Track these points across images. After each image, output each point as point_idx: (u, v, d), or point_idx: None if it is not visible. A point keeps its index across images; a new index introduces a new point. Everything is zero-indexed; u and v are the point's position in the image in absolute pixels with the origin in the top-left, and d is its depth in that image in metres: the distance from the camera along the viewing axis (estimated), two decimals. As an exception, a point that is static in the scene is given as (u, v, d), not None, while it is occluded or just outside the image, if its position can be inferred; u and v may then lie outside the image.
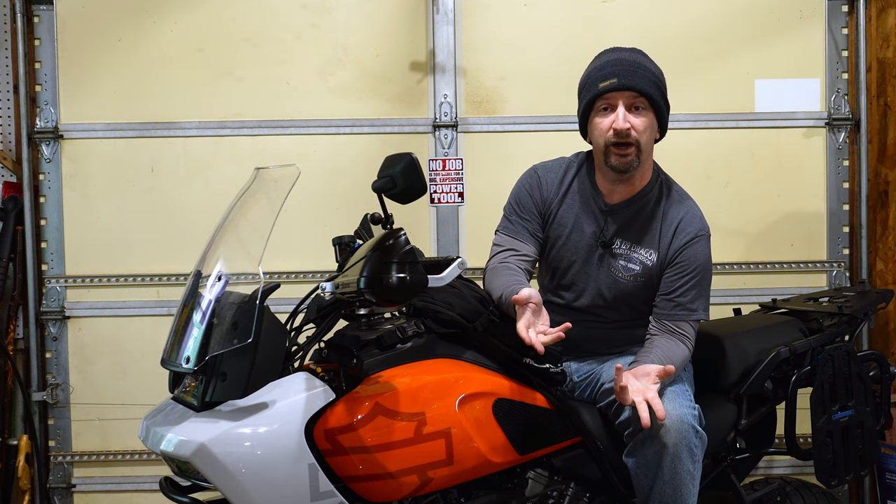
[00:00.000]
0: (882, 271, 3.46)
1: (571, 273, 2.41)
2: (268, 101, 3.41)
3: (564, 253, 2.41)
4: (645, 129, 2.28)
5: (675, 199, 2.40)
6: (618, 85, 2.26)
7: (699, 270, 2.33)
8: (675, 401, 2.16)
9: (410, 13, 3.42)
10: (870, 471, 2.89)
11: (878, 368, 2.67)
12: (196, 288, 2.03)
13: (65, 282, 3.41)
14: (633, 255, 2.36)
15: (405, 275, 1.85)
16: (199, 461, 1.85)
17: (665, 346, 2.30)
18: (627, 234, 2.37)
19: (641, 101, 2.28)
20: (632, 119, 2.27)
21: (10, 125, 3.44)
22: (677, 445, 2.11)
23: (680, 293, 2.33)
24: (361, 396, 2.00)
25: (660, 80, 2.34)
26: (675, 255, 2.33)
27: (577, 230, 2.39)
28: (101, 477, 3.45)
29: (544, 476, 2.26)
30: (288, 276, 3.37)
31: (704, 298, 2.37)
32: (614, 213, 2.38)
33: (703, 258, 2.35)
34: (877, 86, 3.45)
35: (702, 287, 2.35)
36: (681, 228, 2.34)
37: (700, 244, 2.34)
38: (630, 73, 2.27)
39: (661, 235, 2.36)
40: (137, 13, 3.39)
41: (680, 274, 2.33)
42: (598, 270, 2.38)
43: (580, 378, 2.40)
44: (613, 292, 2.38)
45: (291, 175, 2.00)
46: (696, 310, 2.34)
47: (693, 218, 2.37)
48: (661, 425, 2.11)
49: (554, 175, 2.44)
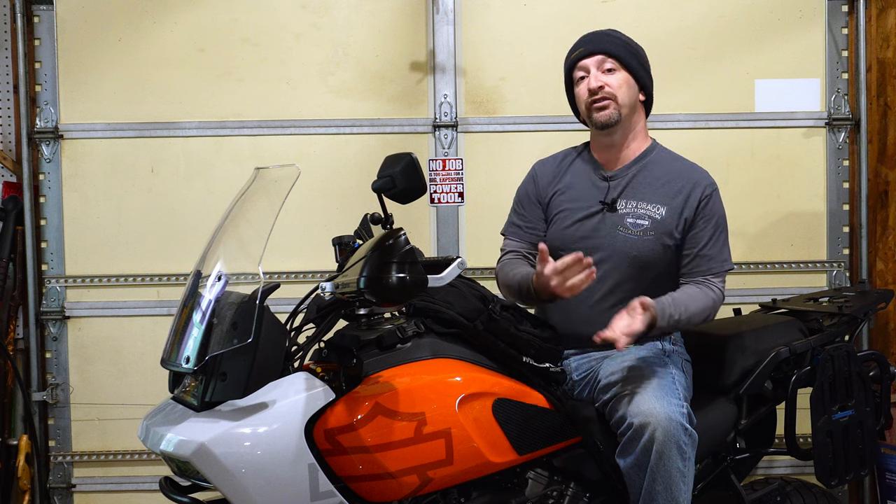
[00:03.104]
0: (882, 271, 3.46)
1: (581, 241, 2.43)
2: (268, 101, 3.41)
3: (571, 223, 2.45)
4: (620, 86, 2.42)
5: (677, 158, 2.52)
6: (585, 52, 2.46)
7: (720, 221, 2.45)
8: (663, 398, 2.16)
9: (410, 13, 3.42)
10: (870, 471, 2.89)
11: (878, 368, 2.66)
12: (196, 288, 2.03)
13: (65, 282, 3.41)
14: (639, 210, 2.42)
15: (405, 275, 1.85)
16: (199, 461, 1.85)
17: (685, 290, 2.39)
18: (631, 194, 2.44)
19: (611, 62, 2.43)
20: (603, 77, 2.42)
21: (10, 125, 3.45)
22: (666, 444, 2.11)
23: (708, 246, 2.42)
24: (361, 396, 2.00)
25: (630, 44, 2.49)
26: (694, 210, 2.42)
27: (580, 199, 2.47)
28: (101, 477, 3.45)
29: (544, 476, 2.26)
30: (288, 276, 3.37)
31: (728, 250, 2.47)
32: (615, 179, 2.47)
33: (721, 209, 2.47)
34: (877, 86, 3.45)
35: (724, 237, 2.46)
36: (695, 183, 2.44)
37: (715, 197, 2.45)
38: (596, 40, 2.47)
39: (671, 191, 2.43)
40: (137, 13, 3.39)
41: (704, 228, 2.42)
42: (608, 232, 2.41)
43: (580, 376, 2.40)
44: (625, 251, 2.39)
45: (291, 175, 2.00)
46: (725, 259, 2.45)
47: (701, 174, 2.48)
48: (650, 424, 2.12)
49: (550, 163, 2.58)
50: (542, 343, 2.27)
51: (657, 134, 3.32)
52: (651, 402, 2.14)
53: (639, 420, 2.14)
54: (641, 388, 2.20)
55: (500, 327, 2.20)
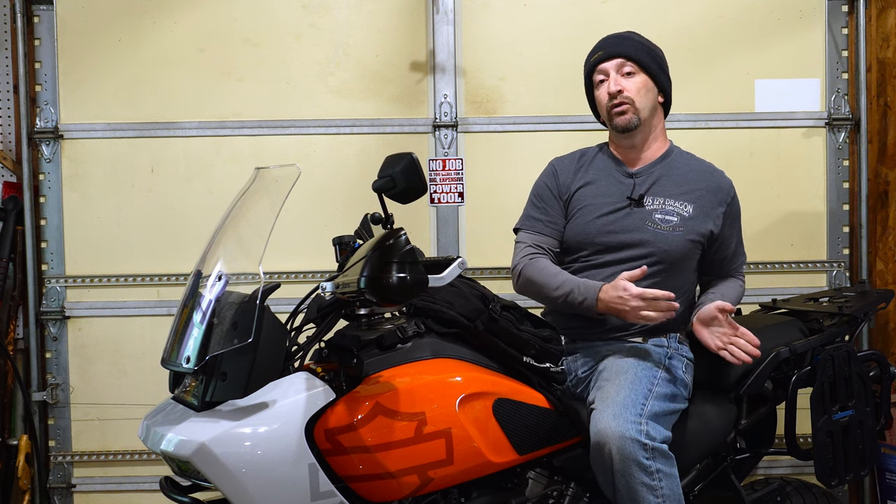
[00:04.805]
0: (882, 271, 3.46)
1: (608, 236, 2.43)
2: (268, 101, 3.41)
3: (596, 216, 2.45)
4: (639, 90, 2.45)
5: (696, 158, 2.57)
6: (605, 56, 2.48)
7: (739, 222, 2.59)
8: (620, 416, 2.13)
9: (410, 13, 3.42)
10: (870, 471, 2.89)
11: (878, 368, 2.67)
12: (196, 288, 2.03)
13: (65, 282, 3.41)
14: (667, 207, 2.44)
15: (405, 275, 1.85)
16: (200, 461, 1.85)
17: (728, 284, 2.55)
18: (658, 191, 2.47)
19: (631, 65, 2.45)
20: (623, 82, 2.45)
21: (10, 125, 3.45)
22: (624, 462, 2.11)
23: (736, 243, 2.58)
24: (361, 396, 2.00)
25: (650, 47, 2.51)
26: (724, 213, 2.49)
27: (605, 195, 2.48)
28: (101, 477, 3.45)
29: (544, 476, 2.26)
30: (288, 276, 3.37)
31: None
32: (640, 176, 2.50)
33: (740, 210, 2.58)
34: (877, 86, 3.45)
35: (741, 233, 2.62)
36: (720, 186, 2.51)
37: (736, 198, 2.55)
38: (616, 43, 2.49)
39: (696, 189, 2.47)
40: (137, 13, 3.39)
41: (733, 229, 2.55)
42: (637, 226, 2.42)
43: (584, 374, 2.40)
44: (656, 245, 2.40)
45: (291, 175, 2.00)
46: (744, 252, 2.64)
47: (724, 176, 2.55)
48: (606, 444, 2.12)
49: (569, 160, 2.59)
50: (543, 343, 2.27)
51: (657, 134, 3.36)
52: (607, 419, 2.13)
53: (595, 438, 2.15)
54: (610, 399, 2.18)
55: (500, 327, 2.20)
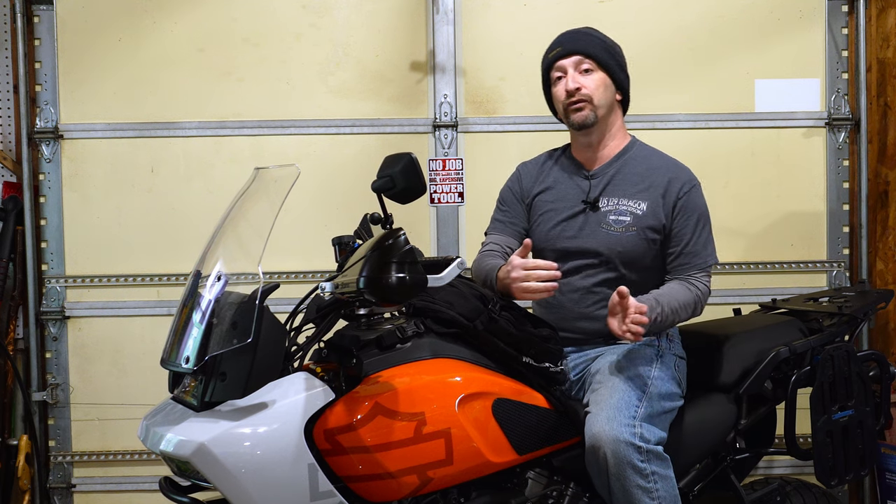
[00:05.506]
0: (882, 271, 3.46)
1: (567, 241, 2.44)
2: (268, 101, 3.41)
3: (555, 223, 2.46)
4: (597, 87, 2.42)
5: (657, 154, 2.51)
6: (562, 52, 2.46)
7: (701, 217, 2.43)
8: (614, 419, 2.14)
9: (410, 13, 3.42)
10: (870, 471, 2.89)
11: (878, 368, 2.66)
12: (196, 288, 2.03)
13: (65, 282, 3.41)
14: (621, 207, 2.42)
15: (405, 275, 1.85)
16: (199, 461, 1.85)
17: (669, 286, 2.38)
18: (612, 191, 2.45)
19: (589, 62, 2.43)
20: (580, 79, 2.42)
21: (10, 125, 3.45)
22: (618, 466, 2.12)
23: (692, 242, 2.41)
24: (361, 396, 2.00)
25: (608, 44, 2.48)
26: (674, 205, 2.41)
27: (563, 199, 2.48)
28: (101, 477, 3.46)
29: (544, 476, 2.26)
30: (288, 276, 3.37)
31: (712, 244, 2.46)
32: (597, 177, 2.48)
33: (702, 204, 2.44)
34: (877, 86, 3.45)
35: (707, 232, 2.44)
36: (674, 178, 2.43)
37: (694, 192, 2.43)
38: (573, 40, 2.47)
39: (650, 185, 2.43)
40: (137, 13, 3.39)
41: (685, 225, 2.41)
42: (592, 230, 2.42)
43: (576, 376, 2.41)
44: (608, 248, 2.40)
45: (291, 175, 2.00)
46: (709, 254, 2.44)
47: (681, 169, 2.47)
48: (600, 448, 2.13)
49: (533, 164, 2.61)
50: (542, 343, 2.26)
51: (657, 134, 3.36)
52: (601, 423, 2.14)
53: (590, 442, 2.16)
54: (603, 402, 2.19)
55: (499, 327, 2.20)
